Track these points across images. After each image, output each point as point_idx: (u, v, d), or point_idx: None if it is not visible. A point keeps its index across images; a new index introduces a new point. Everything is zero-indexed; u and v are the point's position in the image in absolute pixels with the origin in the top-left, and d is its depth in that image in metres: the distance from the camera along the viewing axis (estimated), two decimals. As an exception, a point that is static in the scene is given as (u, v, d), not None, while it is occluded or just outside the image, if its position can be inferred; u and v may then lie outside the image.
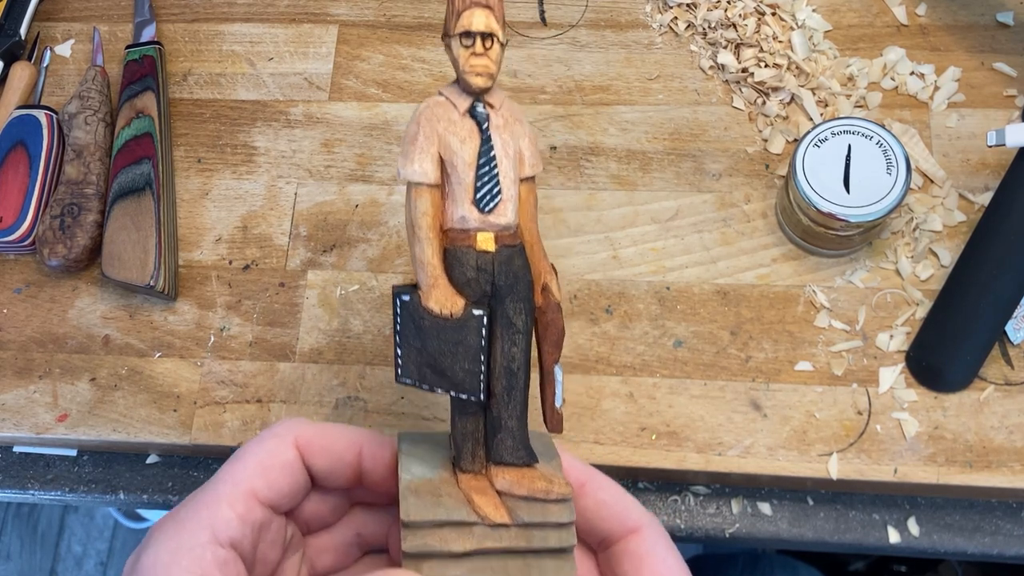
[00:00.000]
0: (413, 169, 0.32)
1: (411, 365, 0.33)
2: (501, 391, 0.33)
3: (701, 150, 0.56)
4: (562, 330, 0.35)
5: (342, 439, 0.36)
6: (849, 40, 0.57)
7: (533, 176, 0.34)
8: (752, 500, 0.51)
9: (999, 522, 0.50)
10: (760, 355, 0.51)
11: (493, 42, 0.32)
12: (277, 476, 0.35)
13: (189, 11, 0.64)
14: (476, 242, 0.32)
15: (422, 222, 0.32)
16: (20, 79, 0.61)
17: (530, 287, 0.34)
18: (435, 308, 0.32)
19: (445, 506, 0.33)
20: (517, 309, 0.33)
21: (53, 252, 0.54)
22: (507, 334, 0.33)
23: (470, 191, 0.32)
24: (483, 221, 0.32)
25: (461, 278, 0.32)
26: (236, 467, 0.35)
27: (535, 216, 0.35)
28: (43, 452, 0.55)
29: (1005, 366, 0.49)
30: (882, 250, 0.52)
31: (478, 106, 0.33)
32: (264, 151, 0.59)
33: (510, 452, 0.34)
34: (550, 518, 0.33)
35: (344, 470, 0.36)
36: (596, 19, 0.60)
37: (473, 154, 0.32)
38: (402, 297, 0.32)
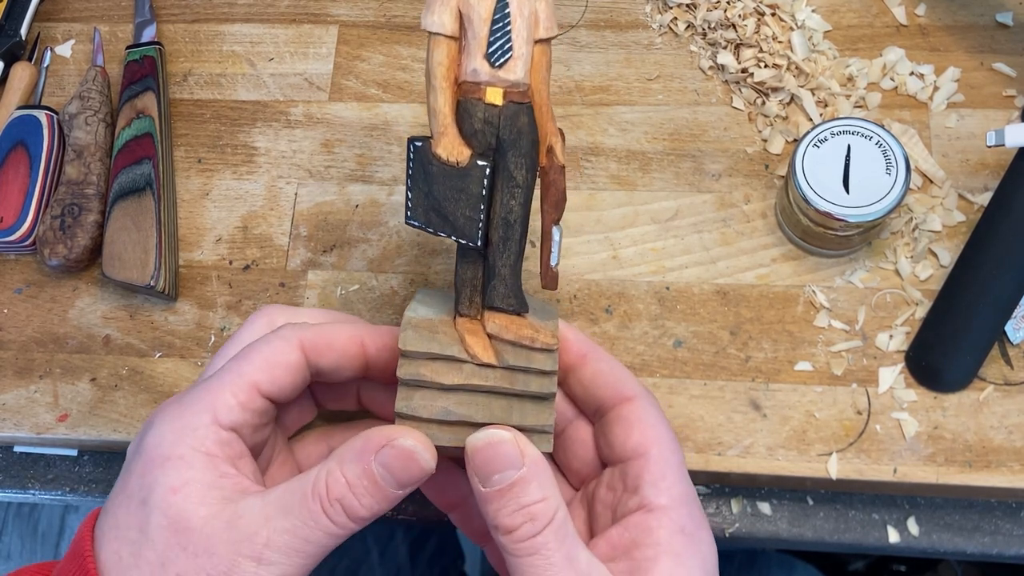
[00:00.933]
0: (432, 20, 0.34)
1: (419, 208, 0.35)
2: (497, 240, 0.36)
3: (701, 150, 0.56)
4: (563, 192, 0.37)
5: (342, 335, 0.38)
6: (849, 40, 0.58)
7: (548, 39, 0.35)
8: (752, 500, 0.51)
9: (998, 522, 0.50)
10: (760, 355, 0.51)
11: None
12: (280, 374, 0.37)
13: (189, 11, 0.64)
14: (485, 95, 0.34)
15: (437, 71, 0.34)
16: (20, 79, 0.61)
17: (534, 146, 0.35)
18: (442, 155, 0.34)
19: (439, 342, 0.36)
20: (518, 164, 0.35)
21: (53, 252, 0.54)
22: (507, 187, 0.35)
23: (483, 45, 0.34)
24: (493, 75, 0.34)
25: (469, 129, 0.34)
26: (241, 362, 0.37)
27: (547, 79, 0.36)
28: (44, 452, 0.55)
29: (1004, 366, 0.50)
30: (882, 250, 0.52)
31: None
32: (264, 151, 0.59)
33: (501, 298, 0.36)
34: (534, 364, 0.36)
35: (350, 363, 0.39)
36: (596, 19, 0.60)
37: (489, 10, 0.34)
38: (415, 143, 0.35)
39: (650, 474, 0.37)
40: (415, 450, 0.34)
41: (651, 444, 0.38)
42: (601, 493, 0.40)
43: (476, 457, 0.35)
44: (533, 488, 0.34)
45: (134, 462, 0.36)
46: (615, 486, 0.39)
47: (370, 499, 0.34)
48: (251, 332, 0.40)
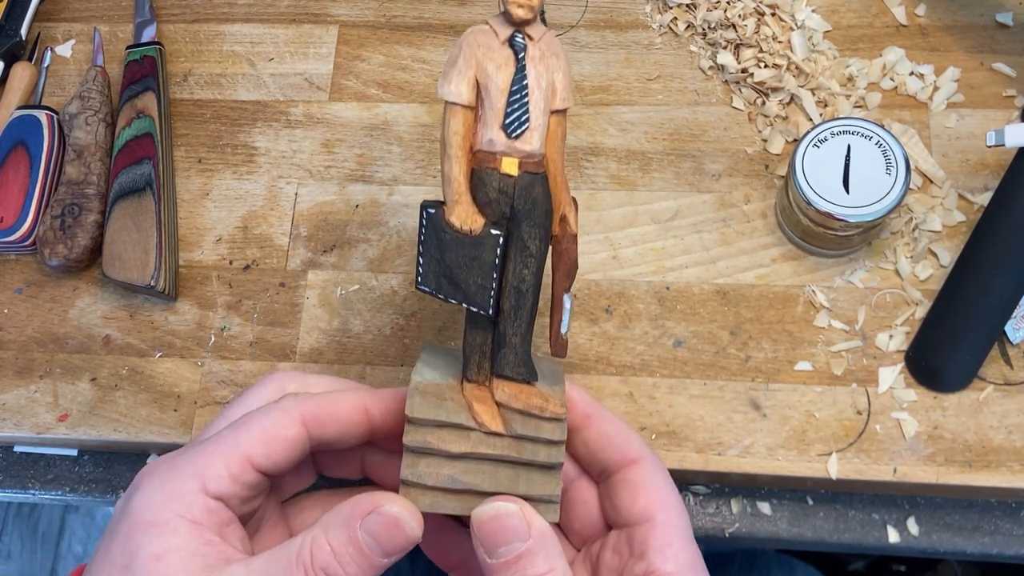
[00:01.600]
0: (449, 89, 0.34)
1: (430, 274, 0.35)
2: (509, 309, 0.35)
3: (701, 150, 0.56)
4: (575, 260, 0.37)
5: (346, 405, 0.38)
6: (848, 40, 0.58)
7: (564, 109, 0.35)
8: (752, 500, 0.51)
9: (998, 522, 0.50)
10: (760, 355, 0.51)
11: None
12: (277, 448, 0.36)
13: (189, 11, 0.64)
14: (501, 165, 0.34)
15: (453, 140, 0.34)
16: (21, 79, 0.61)
17: (548, 215, 0.35)
18: (456, 223, 0.34)
19: (447, 409, 0.35)
20: (532, 234, 0.35)
21: (54, 252, 0.54)
22: (520, 256, 0.35)
23: (500, 116, 0.34)
24: (509, 146, 0.34)
25: (483, 198, 0.34)
26: (239, 431, 0.36)
27: (562, 148, 0.36)
28: (44, 452, 0.55)
29: (1004, 366, 0.50)
30: (881, 250, 0.52)
31: (518, 36, 0.34)
32: (264, 151, 0.59)
33: (511, 367, 0.36)
34: (542, 434, 0.36)
35: (354, 431, 0.38)
36: (596, 19, 0.60)
37: (507, 81, 0.34)
38: (428, 210, 0.34)
39: (656, 540, 0.37)
40: (401, 517, 0.34)
41: (657, 509, 0.37)
42: (606, 557, 0.39)
43: (482, 529, 0.34)
44: (539, 560, 0.34)
45: (119, 524, 0.35)
46: (621, 550, 0.38)
47: (355, 568, 0.34)
48: (259, 397, 0.40)
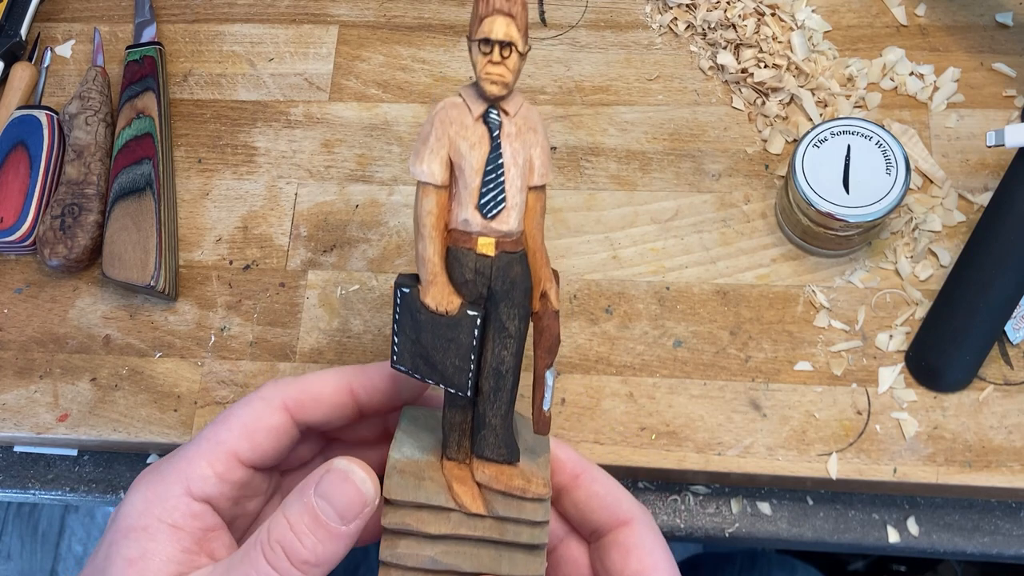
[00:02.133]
0: (421, 169, 0.33)
1: (406, 353, 0.34)
2: (488, 390, 0.34)
3: (701, 150, 0.56)
4: (557, 337, 0.35)
5: (328, 386, 0.37)
6: (848, 40, 0.58)
7: (543, 185, 0.34)
8: (752, 500, 0.51)
9: (998, 522, 0.50)
10: (760, 355, 0.51)
11: (512, 51, 0.32)
12: (262, 439, 0.35)
13: (189, 12, 0.64)
14: (477, 245, 0.33)
15: (426, 220, 0.33)
16: (21, 79, 0.61)
17: (527, 293, 0.34)
18: (431, 304, 0.33)
19: (426, 490, 0.34)
20: (511, 314, 0.33)
21: (54, 252, 0.54)
22: (499, 337, 0.34)
23: (475, 196, 0.32)
24: (485, 226, 0.32)
25: (459, 278, 0.33)
26: (220, 428, 0.35)
27: (541, 224, 0.35)
28: (44, 452, 0.55)
29: (1004, 366, 0.50)
30: (881, 250, 0.52)
31: (492, 112, 0.33)
32: (264, 151, 0.59)
33: (492, 449, 0.35)
34: (524, 515, 0.35)
35: (341, 412, 0.37)
36: (596, 20, 0.60)
37: (481, 160, 0.32)
38: (403, 289, 0.33)
39: None
40: (349, 470, 0.33)
41: (649, 572, 0.37)
42: None
43: None
44: None
45: (106, 532, 0.35)
46: None
47: (312, 538, 0.32)
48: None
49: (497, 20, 0.31)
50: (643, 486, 0.52)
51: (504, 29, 0.31)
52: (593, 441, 0.49)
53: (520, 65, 0.32)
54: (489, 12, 0.32)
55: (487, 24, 0.32)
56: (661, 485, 0.52)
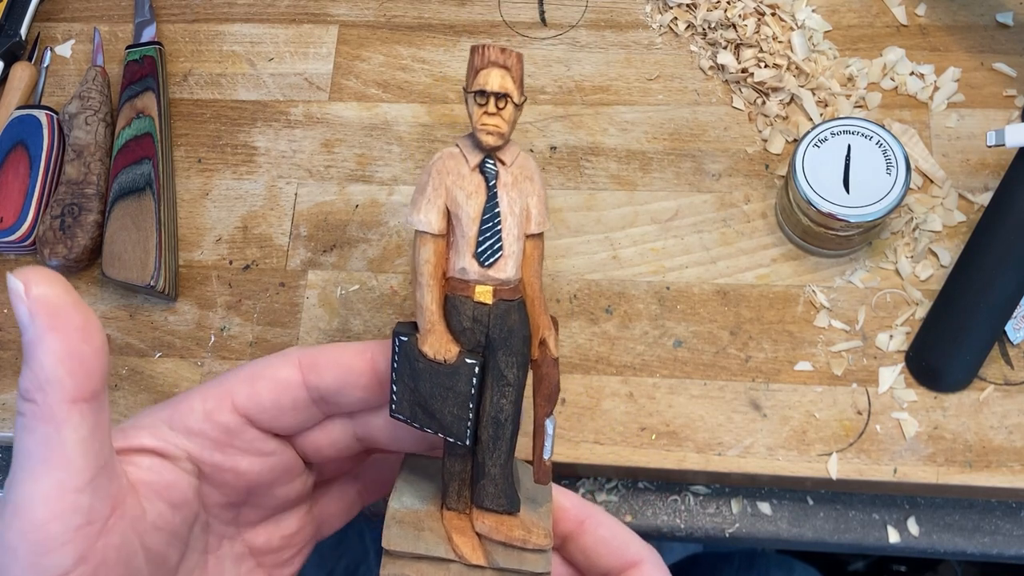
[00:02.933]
0: (419, 218, 0.33)
1: (404, 402, 0.33)
2: (487, 439, 0.34)
3: (701, 150, 0.56)
4: (556, 385, 0.35)
5: (348, 350, 0.35)
6: (849, 40, 0.58)
7: (540, 233, 0.34)
8: (752, 500, 0.51)
9: (998, 522, 0.50)
10: (760, 355, 0.51)
11: (507, 103, 0.32)
12: (262, 388, 0.34)
13: (189, 11, 0.64)
14: (474, 293, 0.33)
15: (424, 269, 0.33)
16: (20, 79, 0.61)
17: (526, 341, 0.34)
18: (429, 353, 0.33)
19: (425, 540, 0.34)
20: (509, 363, 0.33)
21: (53, 252, 0.54)
22: (497, 386, 0.33)
23: (472, 244, 0.32)
24: (482, 274, 0.32)
25: (457, 326, 0.33)
26: (229, 373, 0.34)
27: (539, 271, 0.34)
28: (43, 452, 0.55)
29: (1005, 366, 0.50)
30: (882, 250, 0.52)
31: (488, 162, 0.33)
32: (264, 151, 0.59)
33: (491, 499, 0.34)
34: (525, 566, 0.34)
35: (358, 381, 0.35)
36: (596, 19, 0.60)
37: (478, 209, 0.32)
38: (401, 338, 0.33)
39: None
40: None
41: None
42: None
43: None
44: None
45: None
46: None
47: None
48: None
49: (492, 72, 0.32)
50: (643, 486, 0.52)
51: (499, 81, 0.32)
52: (593, 441, 0.49)
53: (516, 116, 0.33)
54: (485, 65, 0.32)
55: (483, 76, 0.32)
56: (661, 485, 0.52)
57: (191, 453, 0.33)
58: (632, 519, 0.51)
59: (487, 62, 0.32)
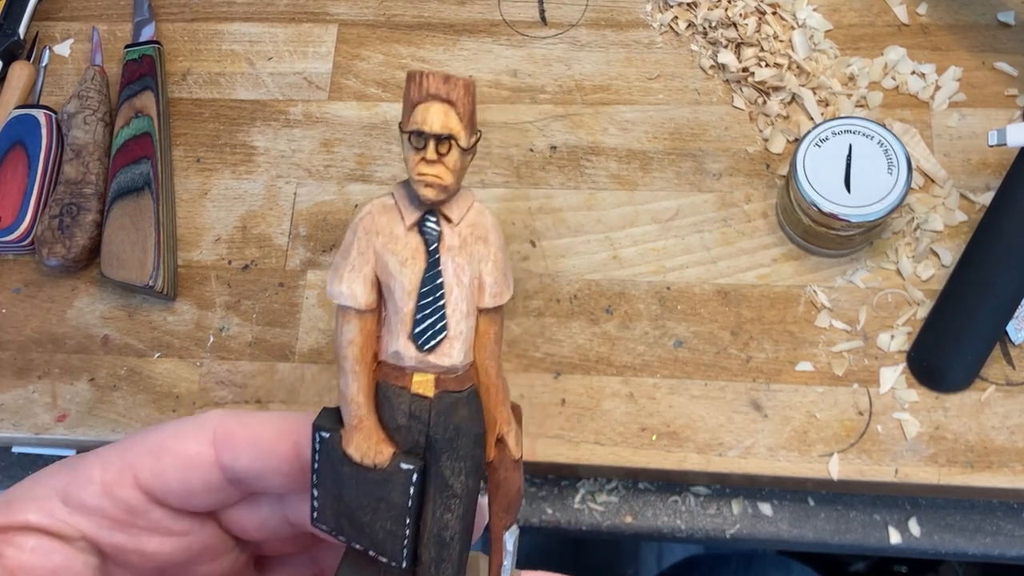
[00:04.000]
0: (340, 290, 0.27)
1: (328, 511, 0.28)
2: (429, 561, 0.27)
3: (702, 150, 0.56)
4: (518, 491, 0.29)
5: (269, 428, 0.29)
6: (850, 39, 0.57)
7: (498, 307, 0.28)
8: (753, 501, 0.51)
9: (1000, 523, 0.49)
10: (761, 355, 0.50)
11: (451, 146, 0.26)
12: (169, 464, 0.29)
13: (188, 10, 0.64)
14: (411, 384, 0.27)
15: (348, 352, 0.27)
16: (19, 79, 0.61)
17: (478, 441, 0.28)
18: (355, 455, 0.26)
19: None
20: (456, 469, 0.27)
21: (52, 252, 0.54)
22: (441, 497, 0.27)
23: (408, 323, 0.26)
24: (421, 360, 0.26)
25: (391, 423, 0.27)
26: (136, 438, 0.29)
27: (496, 354, 0.28)
28: (42, 453, 0.55)
29: (1006, 366, 0.49)
30: (883, 250, 0.52)
31: (429, 220, 0.27)
32: (263, 151, 0.59)
33: None
34: None
35: (278, 468, 0.29)
36: (596, 18, 0.60)
37: (415, 280, 0.26)
38: (321, 433, 0.27)
39: None
40: None
41: None
42: None
43: None
44: None
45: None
46: None
47: None
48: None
49: (433, 108, 0.26)
50: (643, 487, 0.52)
51: (441, 120, 0.26)
52: (594, 442, 0.49)
53: (464, 162, 0.26)
54: (423, 98, 0.26)
55: (420, 113, 0.26)
56: (662, 486, 0.52)
57: (87, 533, 0.28)
58: (632, 520, 0.51)
59: (425, 94, 0.26)
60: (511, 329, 0.52)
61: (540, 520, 0.52)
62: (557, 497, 0.52)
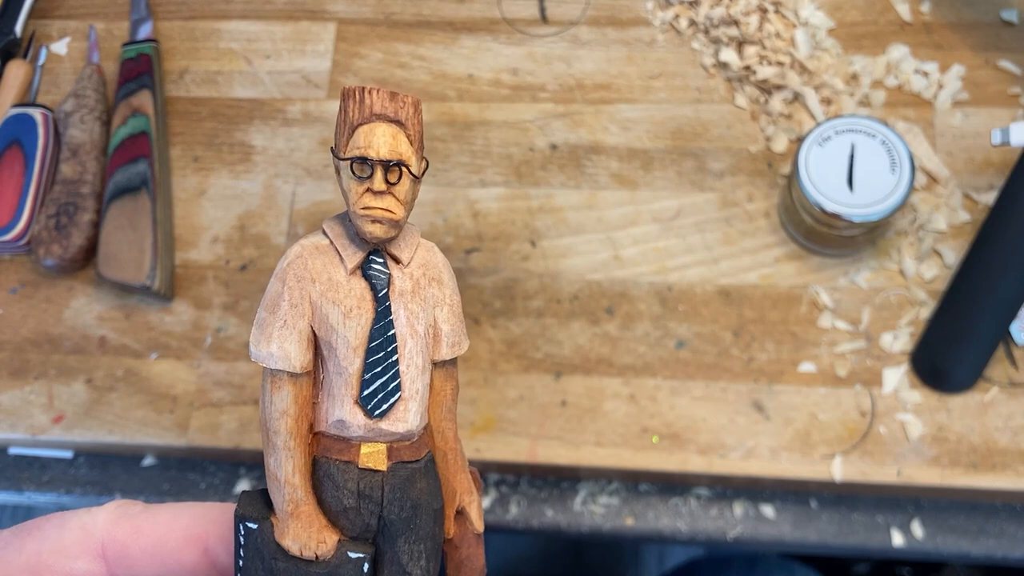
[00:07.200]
0: (269, 351, 0.22)
1: None
2: None
3: (703, 149, 0.55)
4: (481, 570, 0.26)
5: (172, 534, 0.25)
6: (852, 38, 0.57)
7: (455, 359, 0.24)
8: (755, 503, 0.51)
9: (1003, 524, 0.49)
10: (763, 356, 0.50)
11: (401, 174, 0.22)
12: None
13: (186, 8, 0.63)
14: (359, 457, 0.23)
15: (279, 426, 0.23)
16: (16, 77, 0.60)
17: (437, 517, 0.24)
18: (293, 547, 0.23)
19: None
20: (415, 552, 0.23)
21: (49, 252, 0.54)
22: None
23: (355, 386, 0.23)
24: (371, 428, 0.23)
25: (335, 505, 0.23)
26: (14, 545, 0.25)
27: (453, 411, 0.25)
28: (39, 454, 0.55)
29: (1010, 367, 0.49)
30: (886, 250, 0.52)
31: (375, 262, 0.23)
32: (261, 150, 0.58)
33: None
34: None
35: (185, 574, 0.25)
36: (597, 16, 0.60)
37: (363, 333, 0.23)
38: (247, 524, 0.23)
39: None
40: None
41: None
42: None
43: None
44: None
45: None
46: None
47: None
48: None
49: (378, 130, 0.22)
50: (645, 489, 0.51)
51: (389, 144, 0.22)
52: (594, 443, 0.49)
53: (414, 194, 0.23)
54: (366, 118, 0.22)
55: (363, 136, 0.22)
56: (663, 488, 0.51)
57: None
58: (634, 522, 0.51)
59: (369, 114, 0.22)
60: (511, 330, 0.52)
61: (540, 523, 0.51)
62: (558, 499, 0.51)
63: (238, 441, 0.51)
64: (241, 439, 0.51)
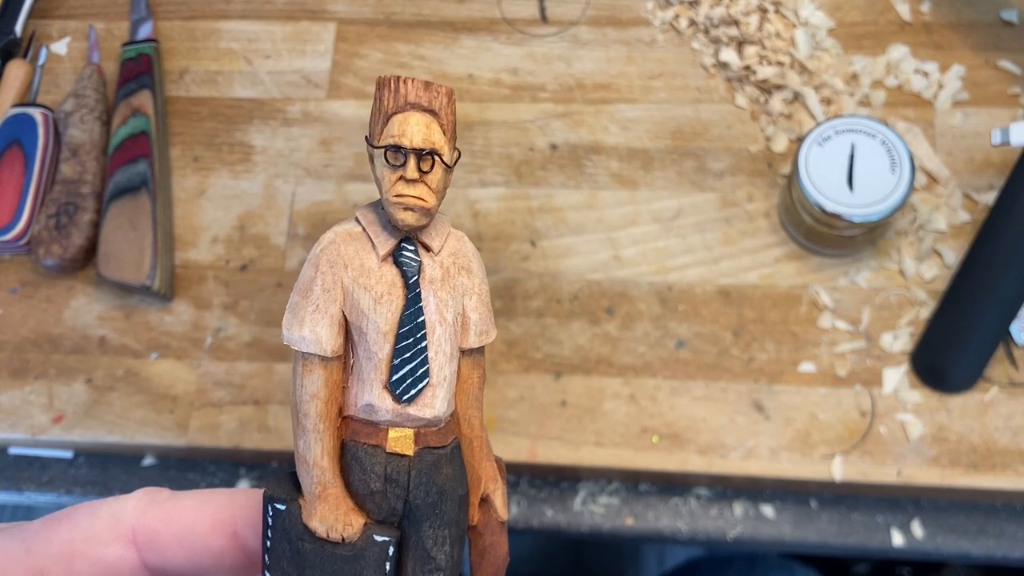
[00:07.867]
0: (301, 335, 0.23)
1: None
2: None
3: (703, 149, 0.55)
4: (505, 558, 0.26)
5: (202, 521, 0.25)
6: (852, 38, 0.57)
7: (482, 348, 0.25)
8: (755, 503, 0.51)
9: (1003, 524, 0.49)
10: (763, 356, 0.50)
11: (434, 163, 0.23)
12: (82, 571, 0.25)
13: (186, 8, 0.63)
14: (387, 441, 0.23)
15: (310, 408, 0.23)
16: (16, 77, 0.60)
17: (462, 503, 0.24)
18: (320, 529, 0.23)
19: None
20: (439, 538, 0.24)
21: (48, 252, 0.54)
22: (422, 571, 0.24)
23: (384, 371, 0.23)
24: (399, 413, 0.23)
25: (363, 488, 0.23)
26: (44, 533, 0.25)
27: (480, 400, 0.25)
28: (39, 454, 0.55)
29: (1010, 367, 0.49)
30: (886, 250, 0.52)
31: (407, 250, 0.24)
32: (261, 150, 0.58)
33: None
34: None
35: (218, 562, 0.26)
36: (597, 16, 0.60)
37: (392, 319, 0.23)
38: (275, 505, 0.24)
39: None
40: None
41: None
42: None
43: None
44: None
45: None
46: None
47: None
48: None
49: (412, 119, 0.23)
50: (645, 489, 0.51)
51: (423, 132, 0.23)
52: (594, 443, 0.49)
53: (447, 183, 0.23)
54: (401, 106, 0.23)
55: (397, 124, 0.23)
56: (663, 488, 0.51)
57: None
58: (633, 522, 0.51)
59: (404, 103, 0.23)
60: (511, 330, 0.52)
61: (540, 522, 0.51)
62: (558, 499, 0.51)
63: (238, 441, 0.51)
64: (241, 439, 0.51)
